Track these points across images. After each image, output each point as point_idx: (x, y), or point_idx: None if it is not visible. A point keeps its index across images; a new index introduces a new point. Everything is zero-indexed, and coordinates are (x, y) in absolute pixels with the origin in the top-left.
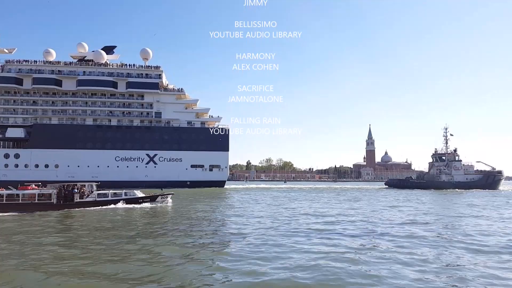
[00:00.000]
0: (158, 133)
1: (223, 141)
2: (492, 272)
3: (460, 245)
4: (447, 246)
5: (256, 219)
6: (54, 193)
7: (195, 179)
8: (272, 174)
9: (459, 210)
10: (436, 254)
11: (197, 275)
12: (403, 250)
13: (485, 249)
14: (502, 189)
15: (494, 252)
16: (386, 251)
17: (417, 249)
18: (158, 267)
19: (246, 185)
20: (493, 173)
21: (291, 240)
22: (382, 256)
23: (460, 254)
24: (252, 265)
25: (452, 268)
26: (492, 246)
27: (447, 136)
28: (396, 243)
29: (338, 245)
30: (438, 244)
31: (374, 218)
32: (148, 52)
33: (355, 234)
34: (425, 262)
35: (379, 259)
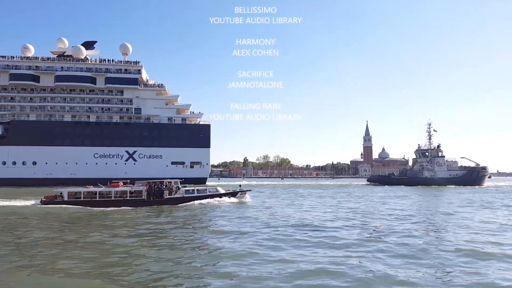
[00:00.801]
0: (137, 129)
1: (204, 138)
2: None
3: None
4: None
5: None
6: (144, 190)
7: (176, 176)
8: (270, 171)
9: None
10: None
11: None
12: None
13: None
14: (487, 185)
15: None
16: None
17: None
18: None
19: (243, 181)
20: (477, 169)
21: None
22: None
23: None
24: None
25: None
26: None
27: (430, 131)
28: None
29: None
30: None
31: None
32: (127, 47)
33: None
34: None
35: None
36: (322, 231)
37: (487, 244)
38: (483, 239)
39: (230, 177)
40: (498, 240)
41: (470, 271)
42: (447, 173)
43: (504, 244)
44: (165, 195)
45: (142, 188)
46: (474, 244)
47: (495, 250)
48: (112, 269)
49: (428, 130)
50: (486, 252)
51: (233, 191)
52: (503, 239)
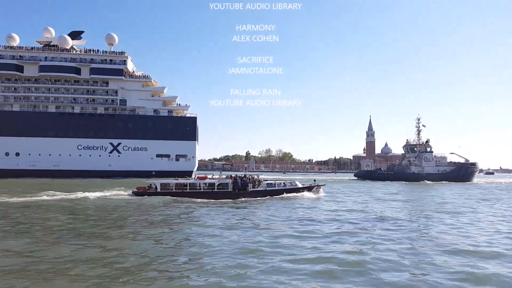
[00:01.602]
0: (122, 121)
1: (190, 130)
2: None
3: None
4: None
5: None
6: (230, 183)
7: (161, 169)
8: (272, 165)
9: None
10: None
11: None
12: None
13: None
14: (476, 181)
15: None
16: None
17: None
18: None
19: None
20: (466, 165)
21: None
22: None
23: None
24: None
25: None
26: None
27: (419, 127)
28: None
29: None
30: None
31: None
32: (113, 37)
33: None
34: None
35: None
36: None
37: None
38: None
39: (232, 171)
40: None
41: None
42: (435, 169)
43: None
44: (249, 188)
45: (228, 181)
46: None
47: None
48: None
49: (417, 125)
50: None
51: (310, 185)
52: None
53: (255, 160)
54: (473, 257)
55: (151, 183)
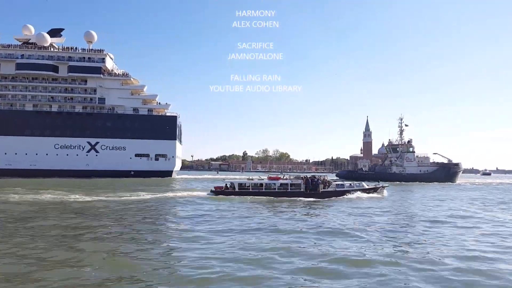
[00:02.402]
0: (100, 119)
1: (170, 130)
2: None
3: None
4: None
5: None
6: (302, 183)
7: (140, 169)
8: (269, 165)
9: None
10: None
11: None
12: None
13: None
14: (460, 182)
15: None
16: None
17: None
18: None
19: (242, 175)
20: (449, 165)
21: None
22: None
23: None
24: None
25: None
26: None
27: (402, 126)
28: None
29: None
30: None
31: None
32: (92, 35)
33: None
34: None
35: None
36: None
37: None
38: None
39: (229, 171)
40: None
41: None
42: (417, 169)
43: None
44: (320, 188)
45: (300, 182)
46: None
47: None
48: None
49: (400, 125)
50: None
51: (375, 186)
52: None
53: (252, 160)
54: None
55: (227, 182)
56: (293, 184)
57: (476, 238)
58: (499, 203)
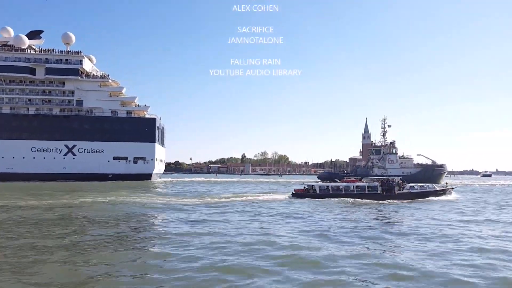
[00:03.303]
0: (77, 122)
1: (149, 132)
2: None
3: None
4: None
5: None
6: (379, 186)
7: (118, 172)
8: (268, 167)
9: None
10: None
11: None
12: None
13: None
14: (444, 184)
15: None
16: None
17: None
18: None
19: (241, 178)
20: (432, 166)
21: None
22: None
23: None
24: None
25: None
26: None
27: (384, 127)
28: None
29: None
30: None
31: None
32: (70, 36)
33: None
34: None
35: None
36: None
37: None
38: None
39: (228, 174)
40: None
41: None
42: (399, 171)
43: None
44: (395, 190)
45: (377, 184)
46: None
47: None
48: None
49: (383, 126)
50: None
51: (444, 188)
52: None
53: (251, 163)
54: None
55: (307, 185)
56: (370, 187)
57: None
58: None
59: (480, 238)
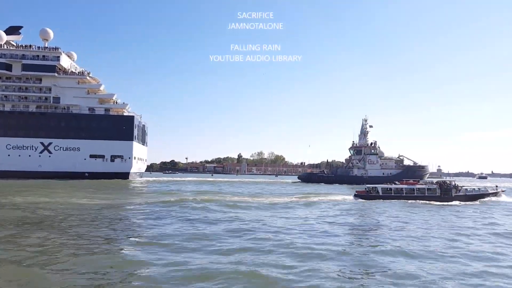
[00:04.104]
0: (54, 119)
1: (127, 130)
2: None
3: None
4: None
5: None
6: (437, 188)
7: (95, 170)
8: (264, 167)
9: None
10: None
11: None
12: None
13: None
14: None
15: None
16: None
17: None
18: None
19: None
20: (413, 168)
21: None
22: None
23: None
24: None
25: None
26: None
27: (366, 128)
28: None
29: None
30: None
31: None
32: (47, 32)
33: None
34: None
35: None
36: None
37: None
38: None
39: (224, 173)
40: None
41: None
42: (379, 172)
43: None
44: (452, 192)
45: (435, 187)
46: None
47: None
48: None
49: (364, 126)
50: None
51: (496, 191)
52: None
53: (247, 163)
54: None
55: (368, 187)
56: (429, 189)
57: None
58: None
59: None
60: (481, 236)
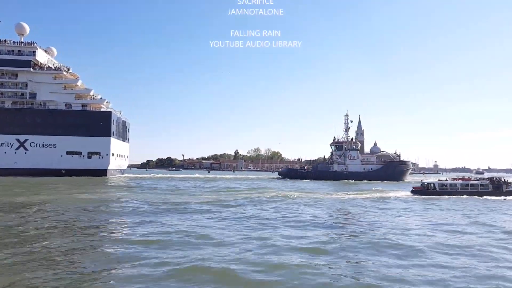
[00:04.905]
0: (30, 115)
1: (104, 126)
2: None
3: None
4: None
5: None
6: (489, 183)
7: (71, 167)
8: (261, 164)
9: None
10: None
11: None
12: None
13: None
14: (408, 180)
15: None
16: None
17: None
18: None
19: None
20: (394, 163)
21: None
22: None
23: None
24: None
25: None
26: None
27: (347, 123)
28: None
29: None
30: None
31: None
32: (23, 27)
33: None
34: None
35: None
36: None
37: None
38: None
39: (220, 170)
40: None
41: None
42: (360, 167)
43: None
44: (503, 188)
45: (487, 182)
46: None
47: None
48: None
49: (346, 122)
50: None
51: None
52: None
53: (244, 159)
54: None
55: (424, 183)
56: (482, 185)
57: None
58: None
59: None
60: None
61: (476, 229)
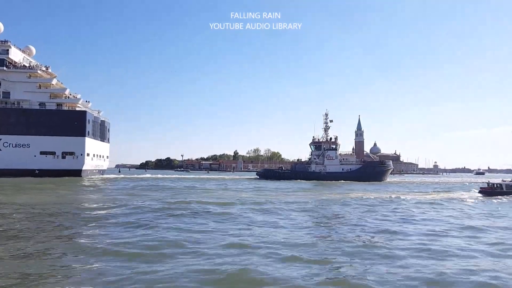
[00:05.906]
0: (2, 115)
1: (79, 125)
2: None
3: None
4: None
5: None
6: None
7: (45, 168)
8: (260, 164)
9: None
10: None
11: None
12: None
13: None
14: (389, 181)
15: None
16: None
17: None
18: None
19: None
20: (373, 163)
21: None
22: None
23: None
24: None
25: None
26: None
27: (327, 123)
28: None
29: None
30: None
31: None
32: None
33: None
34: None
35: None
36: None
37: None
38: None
39: (220, 170)
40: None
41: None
42: (339, 168)
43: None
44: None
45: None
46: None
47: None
48: None
49: (325, 121)
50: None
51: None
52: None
53: (243, 160)
54: None
55: (491, 183)
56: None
57: None
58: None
59: None
60: None
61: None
